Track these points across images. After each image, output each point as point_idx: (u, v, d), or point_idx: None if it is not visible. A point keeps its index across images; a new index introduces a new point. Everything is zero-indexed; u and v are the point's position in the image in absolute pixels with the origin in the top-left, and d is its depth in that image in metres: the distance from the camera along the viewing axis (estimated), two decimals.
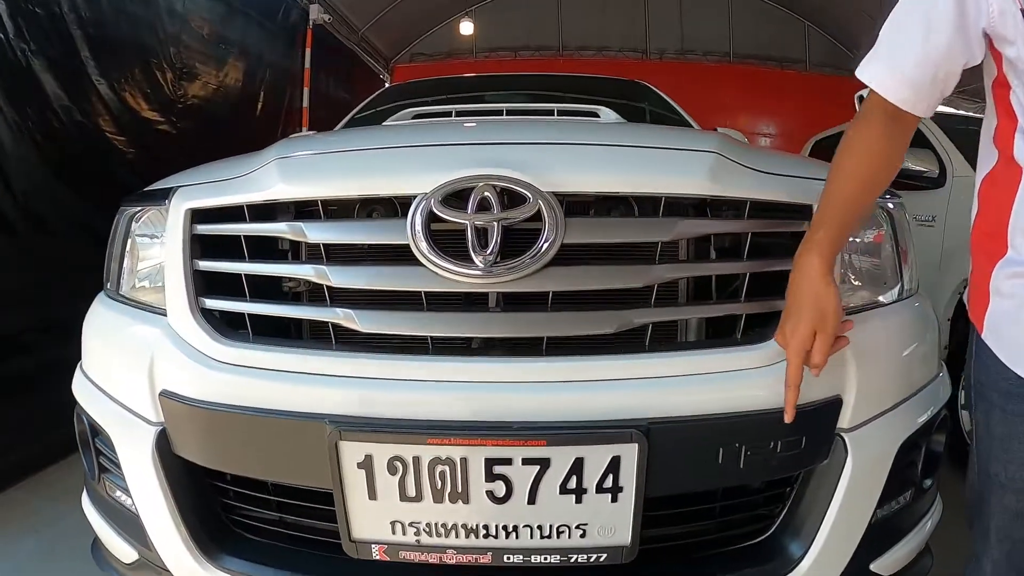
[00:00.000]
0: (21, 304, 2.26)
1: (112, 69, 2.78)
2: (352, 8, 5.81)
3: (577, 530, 0.90)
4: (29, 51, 2.32)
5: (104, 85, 2.73)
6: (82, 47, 2.60)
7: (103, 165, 2.71)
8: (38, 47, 2.35)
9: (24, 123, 2.30)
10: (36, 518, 1.95)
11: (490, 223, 0.91)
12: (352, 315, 0.95)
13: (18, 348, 2.26)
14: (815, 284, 0.89)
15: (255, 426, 0.95)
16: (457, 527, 0.90)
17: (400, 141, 1.12)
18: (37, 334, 2.30)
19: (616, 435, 0.87)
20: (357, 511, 0.92)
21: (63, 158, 2.47)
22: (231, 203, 1.07)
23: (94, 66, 2.66)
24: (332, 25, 5.40)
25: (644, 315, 0.96)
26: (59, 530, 1.88)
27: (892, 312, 1.12)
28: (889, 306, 1.13)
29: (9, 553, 1.78)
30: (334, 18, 5.38)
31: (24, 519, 1.94)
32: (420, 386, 0.92)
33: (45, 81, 2.40)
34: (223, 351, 0.99)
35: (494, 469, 0.87)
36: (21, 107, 2.28)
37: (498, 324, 0.95)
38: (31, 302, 2.30)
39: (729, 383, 0.94)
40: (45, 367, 2.20)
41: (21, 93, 2.29)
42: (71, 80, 2.53)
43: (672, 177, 1.01)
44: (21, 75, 2.30)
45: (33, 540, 1.84)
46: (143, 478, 1.05)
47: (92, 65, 2.65)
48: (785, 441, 0.94)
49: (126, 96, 2.89)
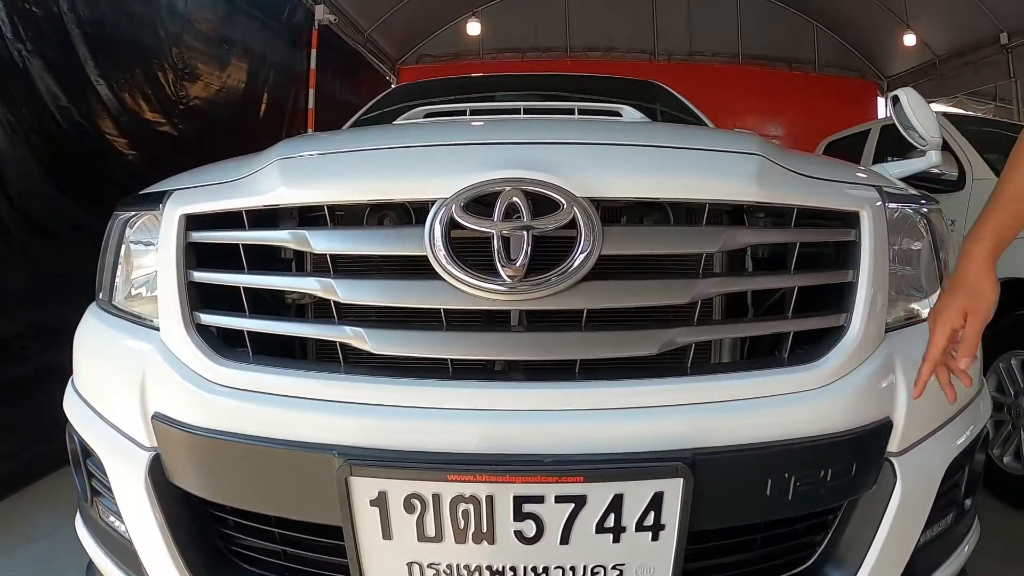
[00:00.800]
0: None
1: (111, 69, 2.71)
2: (358, 9, 5.76)
3: (613, 571, 0.81)
4: (26, 51, 2.25)
5: (103, 86, 2.67)
6: (80, 46, 2.53)
7: (101, 166, 2.65)
8: (35, 47, 2.29)
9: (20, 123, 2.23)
10: (34, 528, 1.90)
11: (519, 232, 0.82)
12: (362, 334, 0.86)
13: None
14: (976, 266, 0.88)
15: (256, 457, 0.86)
16: (481, 569, 0.81)
17: (415, 140, 1.01)
18: (29, 339, 2.23)
19: (659, 469, 0.78)
20: (370, 551, 0.83)
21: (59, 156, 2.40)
22: (228, 208, 0.98)
23: (93, 66, 2.61)
24: (338, 26, 5.34)
25: (688, 334, 0.86)
26: (57, 540, 1.82)
27: None
28: None
29: (7, 564, 1.74)
30: (340, 19, 5.32)
31: (22, 529, 1.90)
32: (439, 414, 0.82)
33: (41, 81, 2.34)
34: (220, 372, 0.91)
35: (523, 508, 0.78)
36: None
37: (527, 346, 0.85)
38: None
39: (779, 408, 0.86)
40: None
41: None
42: (69, 79, 2.48)
43: (718, 181, 0.91)
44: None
45: (31, 550, 1.79)
46: (136, 505, 0.97)
47: (91, 65, 2.60)
48: (835, 469, 0.87)
49: (124, 97, 2.83)
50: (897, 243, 1.03)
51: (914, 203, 1.08)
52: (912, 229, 1.07)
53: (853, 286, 0.93)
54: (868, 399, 0.90)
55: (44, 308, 2.23)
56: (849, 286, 0.93)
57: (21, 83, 2.25)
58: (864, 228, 0.95)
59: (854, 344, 0.91)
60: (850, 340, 0.91)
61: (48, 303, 2.23)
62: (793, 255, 0.93)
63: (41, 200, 2.31)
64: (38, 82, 2.33)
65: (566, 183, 0.84)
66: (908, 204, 1.06)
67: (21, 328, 2.21)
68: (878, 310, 0.94)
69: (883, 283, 0.95)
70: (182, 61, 3.30)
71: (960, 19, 6.02)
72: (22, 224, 2.22)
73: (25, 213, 2.23)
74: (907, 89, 1.57)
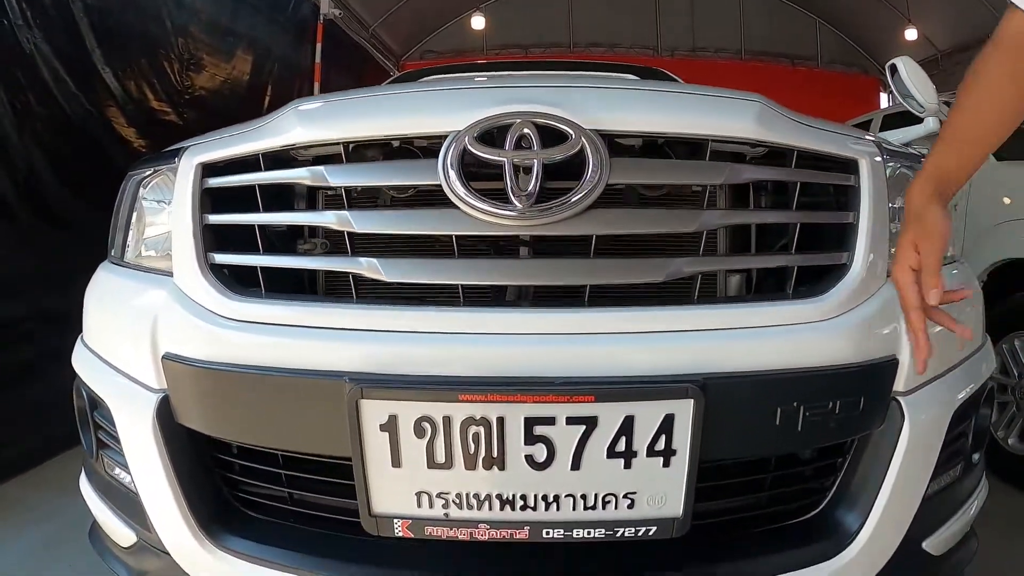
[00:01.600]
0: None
1: (116, 59, 2.74)
2: (363, 4, 5.80)
3: (625, 500, 0.81)
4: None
5: (109, 74, 2.70)
6: (88, 35, 2.57)
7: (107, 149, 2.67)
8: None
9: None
10: (35, 512, 1.92)
11: (530, 160, 0.83)
12: (376, 264, 0.86)
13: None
14: (917, 201, 0.87)
15: (266, 388, 0.87)
16: (491, 497, 0.81)
17: (430, 87, 1.03)
18: (37, 323, 2.26)
19: (670, 390, 0.78)
20: (378, 481, 0.83)
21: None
22: (245, 152, 0.99)
23: (100, 55, 2.64)
24: (343, 20, 5.37)
25: (694, 264, 0.87)
26: (59, 524, 1.84)
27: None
28: None
29: (9, 547, 1.74)
30: (345, 13, 5.35)
31: (24, 513, 1.91)
32: (451, 339, 0.83)
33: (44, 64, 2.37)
34: (233, 307, 0.91)
35: (535, 430, 0.78)
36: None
37: (537, 271, 0.86)
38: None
39: (785, 337, 0.87)
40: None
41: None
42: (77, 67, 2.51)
43: (719, 119, 0.93)
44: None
45: (33, 533, 1.80)
46: (142, 451, 0.98)
47: (98, 54, 2.63)
48: (843, 401, 0.87)
49: (130, 86, 2.85)
50: (896, 201, 1.05)
51: (914, 162, 1.10)
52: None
53: (854, 228, 0.95)
54: (872, 335, 0.91)
55: (47, 292, 2.26)
56: (850, 228, 0.95)
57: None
58: (863, 174, 0.97)
59: (856, 281, 0.92)
60: (852, 277, 0.92)
61: (50, 288, 2.26)
62: (794, 195, 0.94)
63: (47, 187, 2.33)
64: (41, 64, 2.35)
65: (574, 116, 0.86)
66: (907, 162, 1.08)
67: (27, 312, 2.25)
68: (879, 252, 0.95)
69: (884, 228, 0.96)
70: (188, 52, 3.32)
71: (961, 13, 6.05)
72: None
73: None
74: (904, 58, 1.58)
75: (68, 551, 1.68)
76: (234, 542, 0.96)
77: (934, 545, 1.03)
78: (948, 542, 1.06)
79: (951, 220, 0.87)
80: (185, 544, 0.97)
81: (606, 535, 0.83)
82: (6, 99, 2.15)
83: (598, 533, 0.83)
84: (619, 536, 0.83)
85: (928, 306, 0.85)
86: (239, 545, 0.96)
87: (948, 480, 1.04)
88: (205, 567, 0.98)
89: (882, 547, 0.95)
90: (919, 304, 0.85)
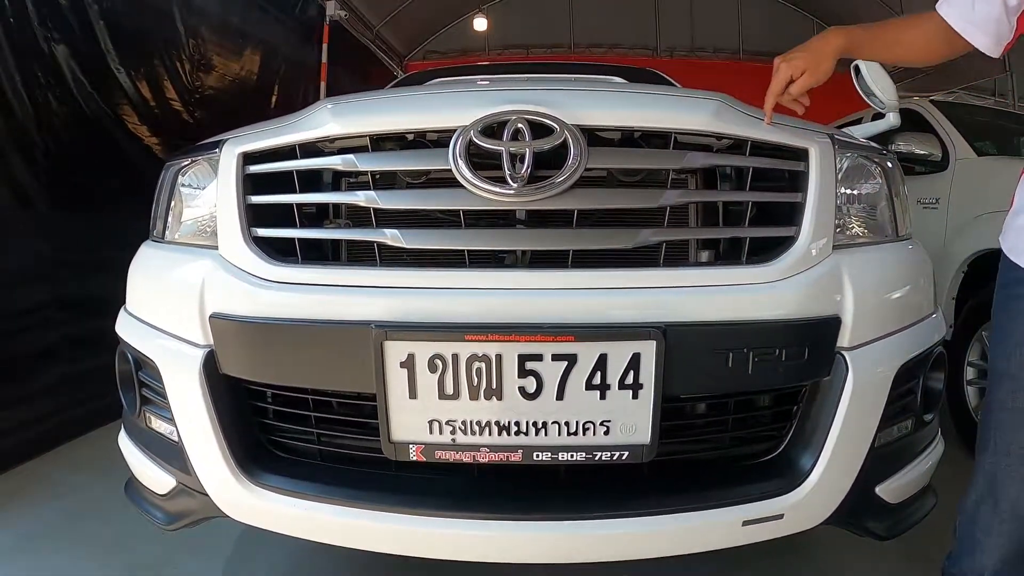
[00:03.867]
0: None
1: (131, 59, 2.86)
2: (368, 5, 5.92)
3: (601, 427, 0.99)
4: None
5: (123, 74, 2.83)
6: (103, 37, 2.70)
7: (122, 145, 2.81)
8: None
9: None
10: (57, 488, 1.99)
11: (523, 149, 1.01)
12: (398, 234, 1.04)
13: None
14: (827, 44, 1.14)
15: (303, 336, 1.03)
16: (491, 424, 0.99)
17: (440, 90, 1.22)
18: (55, 310, 2.39)
19: (637, 332, 0.95)
20: (397, 411, 1.00)
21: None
22: (284, 143, 1.16)
23: (114, 55, 2.76)
24: (348, 22, 5.52)
25: (658, 234, 1.05)
26: (80, 500, 1.92)
27: (885, 249, 1.22)
28: (883, 244, 1.22)
29: (30, 521, 1.82)
30: (350, 15, 5.50)
31: (46, 488, 1.99)
32: (459, 292, 1.01)
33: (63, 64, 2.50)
34: (274, 271, 1.08)
35: (526, 365, 0.96)
36: None
37: (530, 239, 1.04)
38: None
39: (736, 295, 1.03)
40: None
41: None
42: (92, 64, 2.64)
43: (681, 115, 1.10)
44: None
45: (54, 509, 1.88)
46: (189, 402, 1.11)
47: (112, 54, 2.75)
48: (789, 351, 1.02)
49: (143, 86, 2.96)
50: (853, 186, 1.20)
51: (867, 151, 1.25)
52: (866, 174, 1.24)
53: (802, 206, 1.11)
54: (815, 296, 1.06)
55: (66, 283, 2.40)
56: (799, 206, 1.11)
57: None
58: (812, 161, 1.12)
59: (802, 250, 1.08)
60: (799, 247, 1.08)
61: (66, 280, 2.41)
62: (747, 179, 1.11)
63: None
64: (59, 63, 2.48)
65: (559, 113, 1.04)
66: (861, 152, 1.24)
67: (46, 298, 2.36)
68: (824, 228, 1.10)
69: (828, 206, 1.12)
70: (199, 53, 3.44)
71: None
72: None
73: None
74: (865, 61, 1.74)
75: (93, 521, 1.78)
76: (268, 478, 1.10)
77: (889, 492, 1.16)
78: (903, 491, 1.19)
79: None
80: (224, 483, 1.10)
81: (586, 458, 1.00)
82: None
83: (579, 457, 1.00)
84: (597, 459, 1.00)
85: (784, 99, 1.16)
86: (272, 480, 1.10)
87: (899, 434, 1.17)
88: (240, 504, 1.12)
89: (834, 487, 1.08)
90: (778, 94, 1.15)
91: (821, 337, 1.07)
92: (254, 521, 1.13)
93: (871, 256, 1.17)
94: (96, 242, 2.48)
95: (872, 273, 1.15)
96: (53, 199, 2.39)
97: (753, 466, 1.13)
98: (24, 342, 2.26)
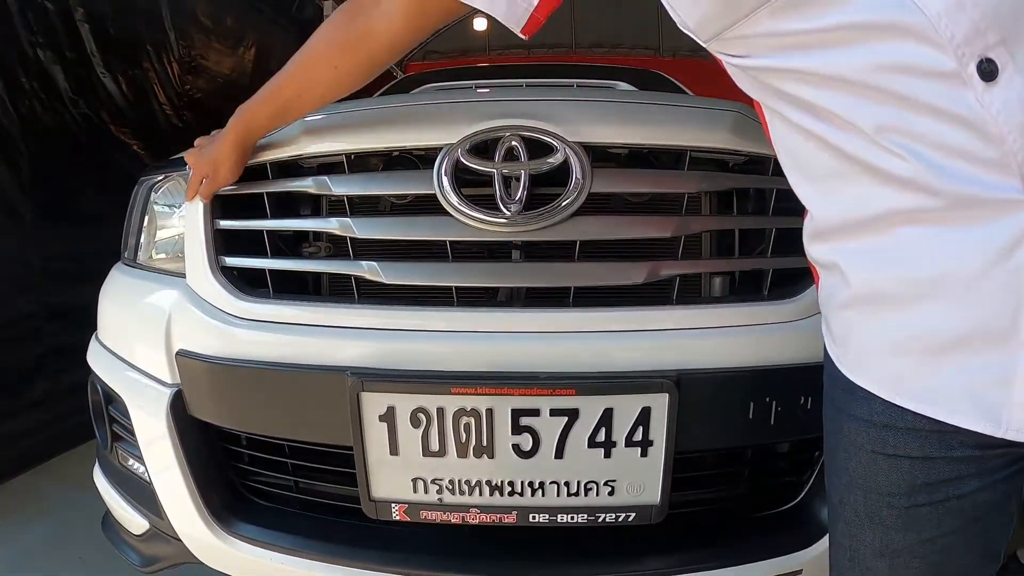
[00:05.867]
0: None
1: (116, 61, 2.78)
2: None
3: (605, 487, 0.88)
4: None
5: (108, 78, 2.74)
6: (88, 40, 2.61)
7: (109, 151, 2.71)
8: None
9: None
10: (47, 503, 1.96)
11: (517, 171, 0.89)
12: (376, 267, 0.93)
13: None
14: (224, 145, 0.98)
15: (273, 381, 0.93)
16: (481, 484, 0.88)
17: (425, 101, 1.10)
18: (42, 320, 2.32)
19: (646, 384, 0.84)
20: (377, 468, 0.89)
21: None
22: (255, 162, 1.05)
23: (99, 59, 2.67)
24: None
25: (672, 267, 0.93)
26: (71, 515, 1.87)
27: None
28: None
29: (20, 537, 1.77)
30: None
31: (36, 503, 1.95)
32: (445, 336, 0.89)
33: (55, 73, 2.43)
34: (242, 307, 0.98)
35: (521, 421, 0.85)
36: None
37: (526, 274, 0.92)
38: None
39: (757, 336, 0.92)
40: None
41: None
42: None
43: (696, 131, 0.98)
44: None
45: (45, 524, 1.84)
46: (156, 443, 1.04)
47: (98, 58, 2.66)
48: (814, 397, 0.92)
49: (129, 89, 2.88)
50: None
51: None
52: None
53: None
54: None
55: (53, 289, 2.33)
56: None
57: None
58: None
59: None
60: None
61: (53, 285, 2.33)
62: (771, 201, 0.99)
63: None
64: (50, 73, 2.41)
65: (559, 129, 0.92)
66: None
67: (35, 308, 2.30)
68: None
69: None
70: (187, 54, 3.35)
71: None
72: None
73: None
74: None
75: (81, 540, 1.72)
76: (242, 528, 1.02)
77: None
78: None
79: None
80: (196, 530, 1.03)
81: (588, 520, 0.89)
82: None
83: (581, 518, 0.89)
84: (600, 521, 0.89)
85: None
86: (247, 531, 1.02)
87: None
88: (215, 552, 1.04)
89: None
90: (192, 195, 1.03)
91: None
92: (230, 570, 1.07)
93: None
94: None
95: None
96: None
97: (768, 517, 1.03)
98: (11, 353, 2.20)
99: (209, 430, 1.03)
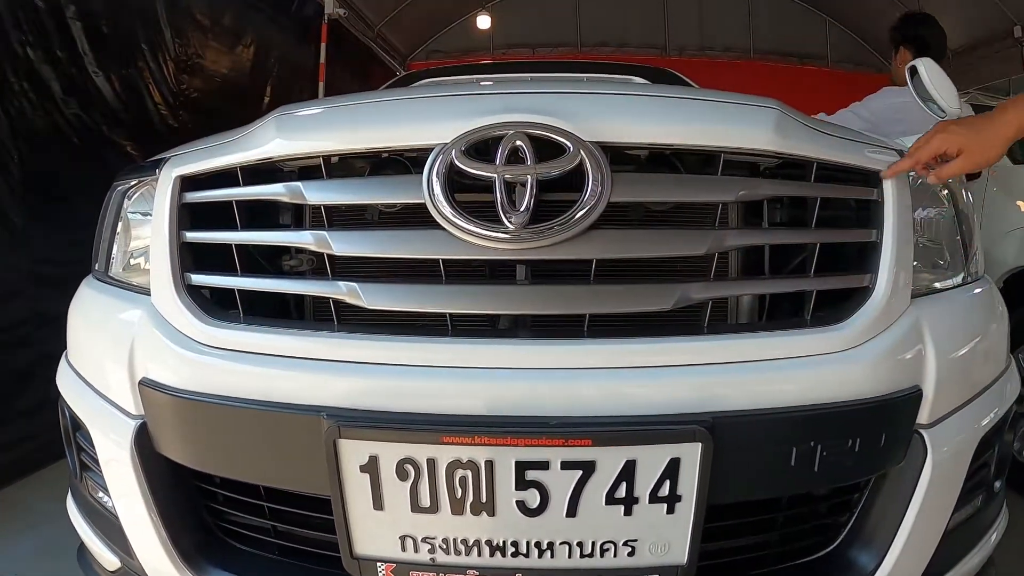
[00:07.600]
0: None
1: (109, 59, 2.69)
2: (368, 3, 5.74)
3: (625, 547, 0.75)
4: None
5: (101, 77, 2.65)
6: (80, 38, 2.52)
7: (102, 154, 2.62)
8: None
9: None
10: (35, 516, 1.90)
11: (523, 176, 0.76)
12: (356, 289, 0.80)
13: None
14: (999, 128, 0.89)
15: (242, 421, 0.81)
16: (480, 544, 0.75)
17: (416, 94, 0.97)
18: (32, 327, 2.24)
19: (675, 432, 0.71)
20: (360, 523, 0.77)
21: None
22: (223, 166, 0.93)
23: (91, 57, 2.58)
24: (348, 20, 5.31)
25: (705, 290, 0.80)
26: (59, 528, 1.78)
27: (963, 294, 1.01)
28: (958, 288, 1.01)
29: (9, 550, 1.72)
30: (350, 13, 5.29)
31: (24, 517, 1.88)
32: (436, 373, 0.76)
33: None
34: (207, 333, 0.86)
35: (526, 475, 0.72)
36: None
37: (532, 299, 0.78)
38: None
39: (802, 371, 0.80)
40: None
41: None
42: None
43: (734, 130, 0.85)
44: None
45: (32, 538, 1.77)
46: (122, 478, 0.93)
47: (89, 57, 2.57)
48: (864, 439, 0.81)
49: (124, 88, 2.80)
50: (919, 212, 0.98)
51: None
52: (934, 199, 1.02)
53: (877, 247, 0.88)
54: (896, 365, 0.84)
55: (44, 295, 2.24)
56: (873, 247, 0.88)
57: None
58: (887, 187, 0.90)
59: (880, 306, 0.85)
60: (876, 302, 0.85)
61: (44, 291, 2.25)
62: (814, 212, 0.87)
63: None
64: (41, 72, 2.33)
65: (572, 127, 0.79)
66: None
67: (25, 315, 2.23)
68: (904, 273, 0.88)
69: (908, 246, 0.89)
70: (184, 53, 3.26)
71: (973, 12, 5.91)
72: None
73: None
74: (925, 59, 1.50)
75: (68, 555, 1.67)
76: (214, 574, 0.92)
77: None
78: (968, 574, 1.00)
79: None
80: (166, 572, 0.93)
81: None
82: None
83: None
84: None
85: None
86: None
87: (969, 512, 0.98)
88: None
89: None
90: (917, 164, 0.91)
91: (900, 416, 0.85)
92: None
93: (950, 306, 0.96)
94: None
95: (954, 327, 0.94)
96: None
97: (805, 564, 0.91)
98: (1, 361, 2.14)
99: (178, 466, 0.92)
